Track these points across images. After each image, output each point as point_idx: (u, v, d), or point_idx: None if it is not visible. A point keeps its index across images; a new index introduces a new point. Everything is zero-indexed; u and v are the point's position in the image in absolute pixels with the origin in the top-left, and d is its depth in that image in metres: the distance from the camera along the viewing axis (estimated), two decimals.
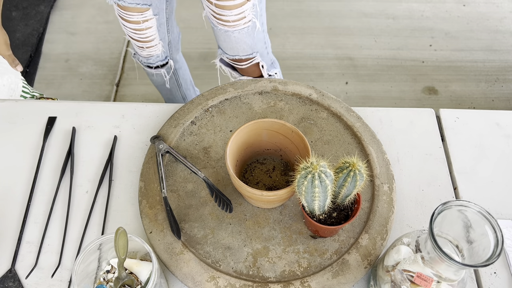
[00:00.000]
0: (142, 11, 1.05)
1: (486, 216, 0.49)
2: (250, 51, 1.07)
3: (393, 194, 0.74)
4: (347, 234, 0.70)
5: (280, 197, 0.66)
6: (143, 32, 1.11)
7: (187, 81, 1.46)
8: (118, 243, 0.54)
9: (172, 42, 1.23)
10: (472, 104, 1.86)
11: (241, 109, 0.85)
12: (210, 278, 0.66)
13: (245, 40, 1.03)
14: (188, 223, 0.72)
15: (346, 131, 0.82)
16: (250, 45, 1.05)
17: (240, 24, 0.98)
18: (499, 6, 2.19)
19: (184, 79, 1.43)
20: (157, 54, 1.20)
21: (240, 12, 0.96)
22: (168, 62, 1.27)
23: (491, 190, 0.78)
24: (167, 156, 0.79)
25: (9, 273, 0.68)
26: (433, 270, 0.52)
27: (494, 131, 0.85)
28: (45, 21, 2.08)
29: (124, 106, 0.89)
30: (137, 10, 1.05)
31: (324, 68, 1.97)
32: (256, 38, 1.04)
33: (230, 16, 0.97)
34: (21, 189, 0.77)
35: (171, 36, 1.21)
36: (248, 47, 1.06)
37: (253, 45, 1.06)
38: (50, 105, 0.89)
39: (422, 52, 2.02)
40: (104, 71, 1.94)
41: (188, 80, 1.47)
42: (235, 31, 1.00)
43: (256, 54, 1.08)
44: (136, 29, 1.10)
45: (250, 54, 1.08)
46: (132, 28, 1.09)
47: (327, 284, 0.65)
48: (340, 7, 2.19)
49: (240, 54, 1.08)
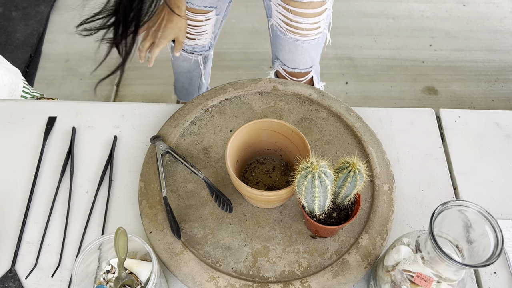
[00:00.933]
0: (206, 12, 1.06)
1: (486, 216, 0.49)
2: (311, 63, 1.05)
3: (393, 194, 0.74)
4: (347, 234, 0.70)
5: (280, 197, 0.66)
6: (199, 28, 1.11)
7: (208, 73, 1.46)
8: (118, 243, 0.54)
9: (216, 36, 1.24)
10: (472, 104, 1.86)
11: (241, 109, 0.85)
12: (210, 278, 0.66)
13: (311, 52, 1.01)
14: (188, 223, 0.72)
15: (346, 131, 0.82)
16: (313, 58, 1.03)
17: (313, 34, 0.96)
18: (499, 6, 2.19)
19: (208, 71, 1.43)
20: (203, 44, 1.20)
21: (316, 22, 0.93)
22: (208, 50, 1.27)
23: (491, 190, 0.78)
24: (167, 156, 0.79)
25: (9, 273, 0.68)
26: (433, 270, 0.52)
27: (494, 131, 0.85)
28: (45, 21, 2.08)
29: (124, 106, 0.89)
30: (202, 11, 1.05)
31: (324, 68, 1.97)
32: (318, 50, 1.02)
33: (305, 24, 0.94)
34: (21, 189, 0.77)
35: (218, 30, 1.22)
36: (310, 59, 1.03)
37: (314, 58, 1.04)
38: (50, 105, 0.89)
39: (422, 52, 2.02)
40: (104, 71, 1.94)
41: (209, 72, 1.46)
42: (305, 41, 0.98)
43: (312, 68, 1.06)
44: (194, 25, 1.10)
45: (309, 68, 1.06)
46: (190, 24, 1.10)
47: (327, 284, 0.65)
48: (340, 7, 2.19)
49: (300, 67, 1.05)
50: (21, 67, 1.87)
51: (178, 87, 1.51)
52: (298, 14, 0.93)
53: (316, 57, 1.05)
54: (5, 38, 1.98)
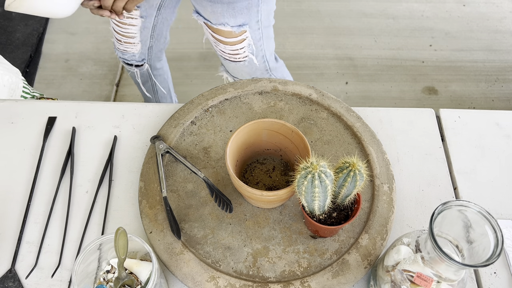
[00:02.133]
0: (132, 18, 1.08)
1: (486, 216, 0.49)
2: (249, 76, 1.09)
3: (393, 194, 0.74)
4: (347, 234, 0.70)
5: (280, 197, 0.66)
6: (125, 27, 1.12)
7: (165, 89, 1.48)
8: (118, 243, 0.54)
9: (154, 49, 1.24)
10: (472, 104, 1.86)
11: (241, 109, 0.85)
12: (210, 278, 0.66)
13: (242, 69, 1.05)
14: (188, 223, 0.72)
15: (346, 131, 0.82)
16: (248, 73, 1.07)
17: (236, 58, 1.01)
18: (499, 6, 2.19)
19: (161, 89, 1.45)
20: (133, 53, 1.21)
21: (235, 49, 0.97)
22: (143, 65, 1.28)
23: (491, 190, 0.78)
24: (167, 156, 0.79)
25: (9, 273, 0.68)
26: (433, 270, 0.52)
27: (494, 131, 0.85)
28: (45, 21, 2.08)
29: (124, 106, 0.89)
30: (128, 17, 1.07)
31: (324, 68, 1.97)
32: (254, 68, 1.05)
33: (226, 49, 0.99)
34: (21, 189, 0.77)
35: (155, 43, 1.22)
36: (246, 74, 1.08)
37: (251, 73, 1.07)
38: (50, 105, 0.89)
39: (422, 52, 2.02)
40: (104, 71, 1.94)
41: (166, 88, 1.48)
42: (231, 62, 1.02)
43: None
44: (120, 22, 1.11)
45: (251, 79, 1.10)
46: (117, 21, 1.11)
47: (327, 284, 0.65)
48: (340, 7, 2.19)
49: (239, 77, 1.10)
50: (21, 67, 1.87)
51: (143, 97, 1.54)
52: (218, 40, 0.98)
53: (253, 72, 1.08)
54: (5, 38, 1.98)
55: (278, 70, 1.17)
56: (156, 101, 1.51)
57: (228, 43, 0.96)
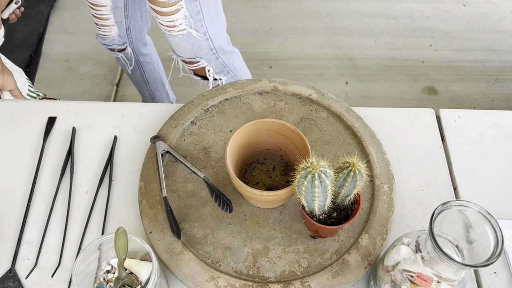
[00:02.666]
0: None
1: (486, 216, 0.49)
2: (193, 55, 1.08)
3: (393, 194, 0.74)
4: (347, 234, 0.70)
5: (280, 197, 0.66)
6: (98, 8, 1.13)
7: (157, 81, 1.47)
8: (118, 243, 0.54)
9: (132, 30, 1.25)
10: (472, 104, 1.86)
11: (241, 109, 0.85)
12: (210, 278, 0.66)
13: (184, 45, 1.04)
14: (188, 223, 0.72)
15: (346, 131, 0.82)
16: (191, 50, 1.06)
17: (174, 30, 1.00)
18: (499, 6, 2.19)
19: (153, 77, 1.44)
20: (113, 37, 1.22)
21: (171, 20, 0.97)
22: (126, 48, 1.28)
23: (491, 190, 0.78)
24: (167, 156, 0.79)
25: (9, 273, 0.68)
26: (433, 270, 0.52)
27: (494, 131, 0.85)
28: (45, 21, 2.08)
29: (124, 106, 0.89)
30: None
31: (324, 68, 1.97)
32: (196, 45, 1.04)
33: (163, 21, 0.98)
34: (21, 189, 0.77)
35: (132, 24, 1.23)
36: (189, 51, 1.06)
37: (194, 51, 1.06)
38: (50, 105, 0.89)
39: (422, 52, 2.02)
40: (104, 71, 1.94)
41: (158, 80, 1.47)
42: (171, 35, 1.02)
43: (201, 59, 1.09)
44: (93, 3, 1.12)
45: (193, 58, 1.08)
46: (90, 2, 1.12)
47: (327, 284, 0.65)
48: (340, 7, 2.19)
49: (184, 56, 1.09)
50: (21, 67, 1.87)
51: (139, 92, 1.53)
52: (155, 11, 0.97)
53: (196, 50, 1.06)
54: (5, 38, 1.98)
55: (230, 57, 1.16)
56: (150, 94, 1.50)
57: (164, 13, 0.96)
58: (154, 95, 1.51)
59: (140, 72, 1.40)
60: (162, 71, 1.50)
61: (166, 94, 1.55)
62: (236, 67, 1.19)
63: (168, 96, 1.57)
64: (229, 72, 1.18)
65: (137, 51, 1.32)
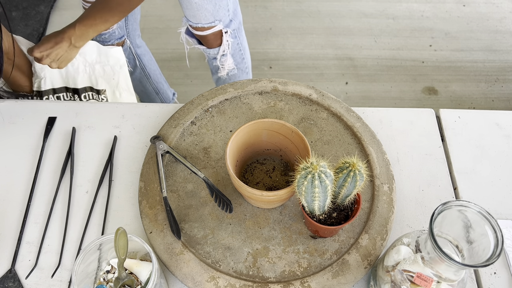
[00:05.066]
0: None
1: (486, 216, 0.49)
2: (212, 18, 1.07)
3: (393, 194, 0.74)
4: (347, 234, 0.70)
5: (280, 197, 0.66)
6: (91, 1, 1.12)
7: (156, 72, 1.46)
8: (118, 243, 0.54)
9: (129, 19, 1.24)
10: (472, 104, 1.86)
11: (241, 109, 0.85)
12: (210, 278, 0.66)
13: (206, 6, 1.03)
14: (188, 223, 0.72)
15: (346, 131, 0.82)
16: (212, 12, 1.05)
17: None
18: (499, 6, 2.19)
19: (152, 70, 1.43)
20: (113, 29, 1.21)
21: None
22: (124, 41, 1.27)
23: (491, 190, 0.78)
24: (167, 156, 0.79)
25: (9, 273, 0.68)
26: (433, 270, 0.52)
27: (494, 131, 0.85)
28: (45, 21, 2.08)
29: (124, 106, 0.89)
30: None
31: (324, 68, 1.97)
32: (218, 5, 1.04)
33: None
34: (21, 189, 0.77)
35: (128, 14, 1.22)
36: (209, 14, 1.05)
37: (214, 12, 1.06)
38: (50, 105, 0.89)
39: (422, 52, 2.02)
40: None
41: (157, 71, 1.46)
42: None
43: (219, 22, 1.08)
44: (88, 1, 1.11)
45: (212, 22, 1.08)
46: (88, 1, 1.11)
47: (327, 284, 0.65)
48: (340, 7, 2.19)
49: (203, 22, 1.08)
50: None
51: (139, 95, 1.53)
52: None
53: (216, 11, 1.06)
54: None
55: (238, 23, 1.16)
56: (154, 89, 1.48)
57: None
58: (158, 89, 1.50)
59: (141, 67, 1.39)
60: (156, 63, 1.49)
61: (167, 86, 1.54)
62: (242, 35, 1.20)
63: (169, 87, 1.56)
64: (236, 37, 1.18)
65: (134, 43, 1.31)
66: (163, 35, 2.04)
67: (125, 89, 1.14)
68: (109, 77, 1.11)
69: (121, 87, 1.13)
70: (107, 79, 1.10)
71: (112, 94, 1.12)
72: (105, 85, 1.10)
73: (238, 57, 1.23)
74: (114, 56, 1.10)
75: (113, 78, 1.11)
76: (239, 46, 1.20)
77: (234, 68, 1.25)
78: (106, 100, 1.11)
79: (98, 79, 1.09)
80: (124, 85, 1.14)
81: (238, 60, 1.24)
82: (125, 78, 1.13)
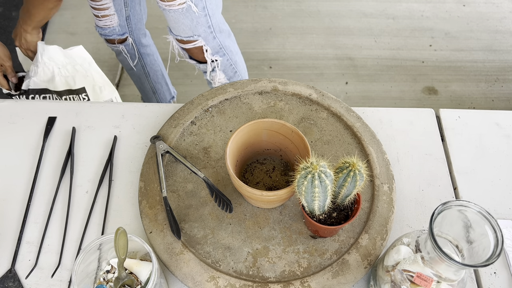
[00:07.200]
0: None
1: (486, 216, 0.49)
2: (191, 33, 1.07)
3: (393, 194, 0.74)
4: (347, 234, 0.70)
5: (280, 197, 0.66)
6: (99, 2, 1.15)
7: (158, 73, 1.47)
8: (118, 243, 0.54)
9: (132, 19, 1.25)
10: (472, 104, 1.86)
11: (241, 109, 0.85)
12: (210, 278, 0.66)
13: (183, 21, 1.03)
14: (188, 223, 0.72)
15: (346, 131, 0.82)
16: (190, 27, 1.05)
17: (175, 4, 0.99)
18: (499, 6, 2.20)
19: (154, 70, 1.44)
20: (113, 27, 1.23)
21: None
22: (126, 39, 1.28)
23: (491, 190, 0.78)
24: (167, 156, 0.79)
25: (9, 273, 0.68)
26: (433, 270, 0.52)
27: (494, 131, 0.85)
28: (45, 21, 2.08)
29: (124, 106, 0.89)
30: None
31: (324, 68, 1.97)
32: (195, 21, 1.04)
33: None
34: (21, 189, 0.77)
35: (131, 12, 1.24)
36: (187, 28, 1.06)
37: (193, 28, 1.05)
38: (50, 105, 0.89)
39: (422, 52, 2.02)
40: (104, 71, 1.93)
41: (159, 73, 1.47)
42: (171, 10, 1.01)
43: (198, 37, 1.08)
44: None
45: (191, 37, 1.08)
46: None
47: (327, 284, 0.65)
48: (340, 7, 2.19)
49: (182, 35, 1.08)
50: None
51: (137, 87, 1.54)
52: None
53: (194, 27, 1.06)
54: (5, 38, 1.98)
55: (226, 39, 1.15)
56: (151, 88, 1.49)
57: None
58: (156, 89, 1.51)
59: (141, 65, 1.40)
60: (162, 64, 1.49)
61: (167, 88, 1.55)
62: (232, 51, 1.19)
63: (169, 89, 1.57)
64: (225, 55, 1.17)
65: (138, 41, 1.32)
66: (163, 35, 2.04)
67: (103, 83, 1.17)
68: (84, 75, 1.14)
69: (99, 82, 1.16)
70: (82, 76, 1.14)
71: (92, 90, 1.15)
72: (83, 82, 1.14)
73: (229, 71, 1.22)
74: (79, 56, 1.14)
75: (87, 75, 1.14)
76: (229, 62, 1.19)
77: (226, 82, 1.24)
78: (87, 99, 1.14)
79: (75, 77, 1.13)
80: (101, 80, 1.17)
81: (230, 74, 1.23)
82: (98, 73, 1.17)
